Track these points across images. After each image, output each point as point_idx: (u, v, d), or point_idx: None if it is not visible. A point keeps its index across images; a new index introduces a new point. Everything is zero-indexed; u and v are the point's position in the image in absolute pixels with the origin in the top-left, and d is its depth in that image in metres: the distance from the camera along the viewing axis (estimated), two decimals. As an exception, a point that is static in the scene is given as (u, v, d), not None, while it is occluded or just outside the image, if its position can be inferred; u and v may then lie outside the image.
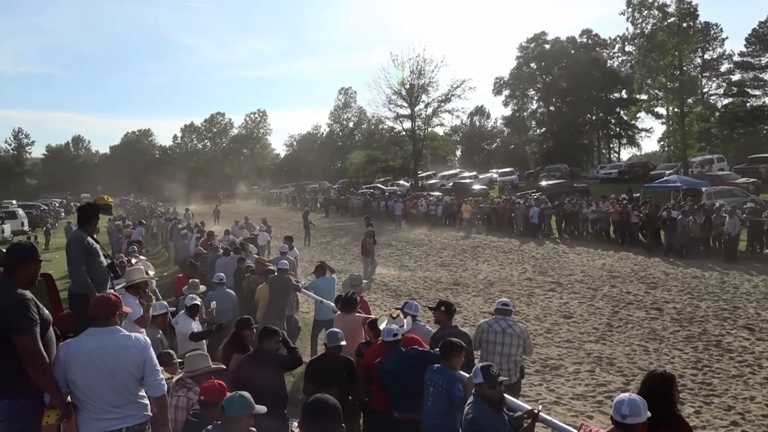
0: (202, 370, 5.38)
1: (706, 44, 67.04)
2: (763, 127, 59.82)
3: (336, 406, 3.95)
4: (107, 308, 4.17)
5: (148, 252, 23.85)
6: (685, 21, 43.65)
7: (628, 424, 3.87)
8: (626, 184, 41.17)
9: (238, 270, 12.34)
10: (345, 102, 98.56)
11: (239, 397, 4.10)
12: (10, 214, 38.05)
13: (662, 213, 23.52)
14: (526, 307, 14.80)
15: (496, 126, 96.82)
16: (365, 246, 19.12)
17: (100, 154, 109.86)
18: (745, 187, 32.49)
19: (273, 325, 6.78)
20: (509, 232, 29.76)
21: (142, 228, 25.28)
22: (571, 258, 22.12)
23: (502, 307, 7.57)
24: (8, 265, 4.13)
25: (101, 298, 4.30)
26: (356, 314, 8.08)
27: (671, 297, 15.32)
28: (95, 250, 6.24)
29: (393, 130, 67.21)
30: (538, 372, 10.09)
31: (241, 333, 6.94)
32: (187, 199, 62.95)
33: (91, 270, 6.10)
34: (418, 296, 16.27)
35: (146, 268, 8.72)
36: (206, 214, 38.14)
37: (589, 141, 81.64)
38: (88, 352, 4.01)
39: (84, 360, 4.00)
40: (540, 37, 79.03)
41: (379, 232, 32.43)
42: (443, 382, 5.57)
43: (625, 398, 3.95)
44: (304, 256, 23.16)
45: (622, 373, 9.98)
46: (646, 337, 11.97)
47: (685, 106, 44.69)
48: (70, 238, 6.43)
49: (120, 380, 4.05)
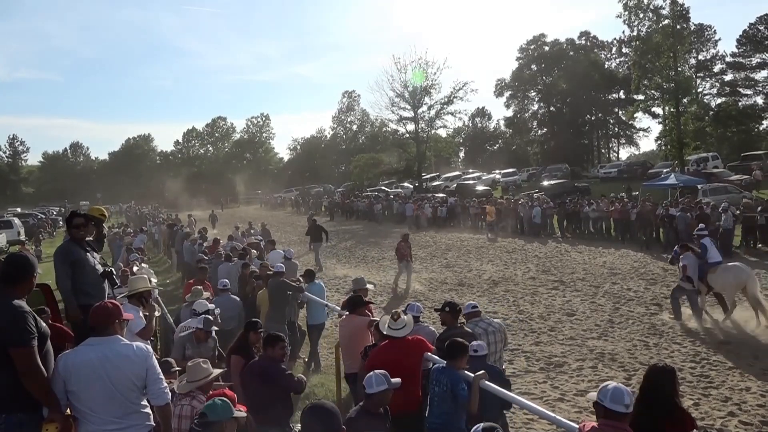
0: (203, 380, 5.25)
1: (700, 45, 67.18)
2: (754, 125, 60.10)
3: (334, 410, 3.90)
4: (106, 317, 4.06)
5: (150, 260, 23.75)
6: (678, 23, 43.71)
7: (629, 413, 3.89)
8: (625, 182, 41.22)
9: (242, 276, 12.13)
10: (348, 105, 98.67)
11: (221, 401, 4.05)
12: (6, 224, 36.87)
13: (660, 210, 23.49)
14: (531, 305, 14.70)
15: (498, 127, 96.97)
16: (400, 250, 18.01)
17: (99, 161, 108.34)
18: (739, 183, 33.02)
19: (276, 331, 6.69)
20: (511, 232, 29.71)
21: (144, 235, 25.19)
22: (573, 256, 22.04)
23: (472, 310, 7.60)
24: (7, 277, 3.99)
25: (100, 306, 4.17)
26: (362, 316, 7.88)
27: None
28: (82, 261, 6.05)
29: (396, 133, 67.25)
30: (542, 369, 10.04)
31: (248, 335, 6.85)
32: (190, 204, 62.99)
33: (81, 281, 5.96)
34: (423, 298, 16.19)
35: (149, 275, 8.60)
36: (206, 220, 38.02)
37: (588, 141, 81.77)
38: (88, 363, 3.90)
39: (84, 371, 3.88)
40: (540, 39, 79.19)
41: (385, 234, 32.54)
42: (448, 382, 5.54)
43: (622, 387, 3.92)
44: (309, 260, 23.13)
45: (624, 368, 9.93)
46: (647, 332, 11.91)
47: (681, 106, 44.74)
48: (56, 250, 6.28)
49: (121, 390, 3.93)
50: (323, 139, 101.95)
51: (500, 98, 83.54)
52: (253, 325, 7.00)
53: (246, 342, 6.81)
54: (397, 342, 6.26)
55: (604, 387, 3.95)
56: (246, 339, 6.85)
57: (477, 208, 33.16)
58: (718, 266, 12.51)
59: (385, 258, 23.98)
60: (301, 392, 6.58)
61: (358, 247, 28.46)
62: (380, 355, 6.28)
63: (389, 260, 23.26)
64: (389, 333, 6.35)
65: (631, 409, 3.89)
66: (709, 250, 12.62)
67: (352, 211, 46.11)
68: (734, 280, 12.17)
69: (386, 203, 42.99)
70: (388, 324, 6.43)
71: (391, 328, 6.36)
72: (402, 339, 6.28)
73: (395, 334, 6.30)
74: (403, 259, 17.87)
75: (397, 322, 6.36)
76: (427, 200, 39.16)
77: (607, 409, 3.87)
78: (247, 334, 6.87)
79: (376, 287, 18.06)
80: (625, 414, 3.86)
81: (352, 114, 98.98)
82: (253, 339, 6.80)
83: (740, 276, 12.14)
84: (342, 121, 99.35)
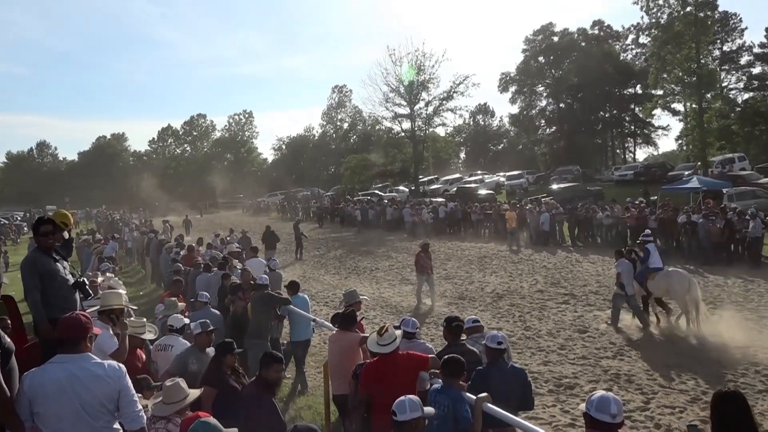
0: (179, 404, 5.24)
1: (725, 35, 67.27)
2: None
3: None
4: (77, 331, 4.07)
5: (122, 270, 23.70)
6: (702, 11, 43.79)
7: (617, 423, 4.00)
8: (643, 186, 41.30)
9: (222, 287, 11.97)
10: (339, 101, 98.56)
11: (202, 423, 4.08)
12: None
13: (681, 217, 23.52)
14: (538, 321, 14.75)
15: (503, 125, 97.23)
16: (420, 261, 17.50)
17: (67, 162, 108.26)
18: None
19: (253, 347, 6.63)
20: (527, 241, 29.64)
21: (116, 243, 25.11)
22: (585, 267, 22.11)
23: (473, 325, 7.88)
24: None
25: (70, 319, 4.16)
26: (354, 333, 7.88)
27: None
28: (52, 271, 6.04)
29: (391, 131, 67.33)
30: (551, 392, 10.07)
31: (221, 359, 6.55)
32: (166, 209, 62.80)
33: (51, 294, 5.94)
34: (421, 312, 16.22)
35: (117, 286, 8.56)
36: (180, 226, 37.98)
37: (602, 140, 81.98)
38: (56, 382, 3.91)
39: (51, 390, 3.90)
40: (548, 29, 79.35)
41: (379, 243, 32.58)
42: (449, 403, 5.56)
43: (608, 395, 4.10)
44: (296, 270, 23.15)
45: (641, 390, 9.95)
46: (667, 351, 11.96)
47: (704, 102, 44.83)
48: (23, 261, 6.25)
49: (91, 412, 3.94)
50: (311, 139, 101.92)
51: (505, 94, 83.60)
52: (227, 346, 6.65)
53: (219, 368, 6.49)
54: (387, 359, 6.28)
55: (591, 395, 4.12)
56: (219, 365, 6.52)
57: (479, 215, 33.19)
58: (658, 272, 13.88)
59: (379, 269, 24.02)
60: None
61: (348, 256, 28.46)
62: (369, 372, 6.33)
63: (383, 271, 23.32)
64: (376, 350, 6.36)
65: (619, 420, 3.99)
66: (652, 255, 14.04)
67: (342, 217, 46.12)
68: (678, 285, 13.44)
69: (380, 208, 43.02)
70: (375, 341, 6.42)
71: (378, 344, 6.35)
72: (392, 355, 6.29)
73: (382, 350, 6.31)
74: (423, 271, 17.50)
75: (384, 337, 6.33)
76: (425, 205, 39.21)
77: (593, 418, 4.01)
78: (221, 358, 6.56)
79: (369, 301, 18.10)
80: (611, 425, 3.97)
81: (342, 111, 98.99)
82: (230, 362, 6.55)
83: (682, 282, 13.44)
84: (332, 119, 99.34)
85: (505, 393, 6.04)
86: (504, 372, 6.45)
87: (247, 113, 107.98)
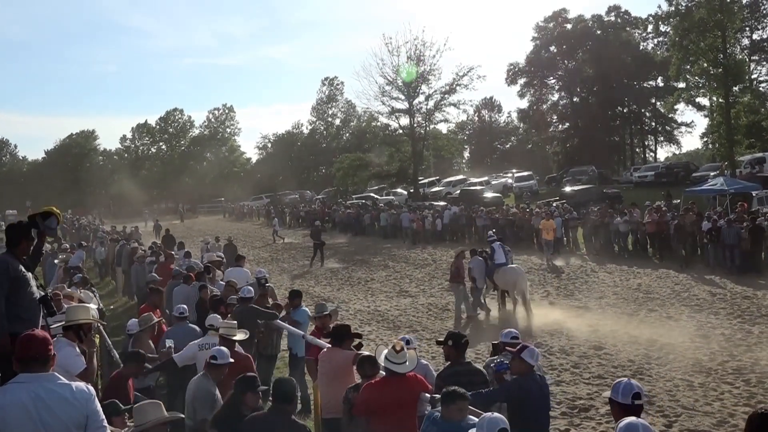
0: (152, 422, 5.17)
1: (754, 22, 67.18)
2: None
3: None
4: (41, 349, 4.05)
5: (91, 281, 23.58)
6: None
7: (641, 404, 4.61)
8: (664, 188, 41.31)
9: (200, 300, 11.80)
10: (330, 95, 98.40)
11: None
12: None
13: (706, 223, 23.49)
14: (550, 337, 14.77)
15: (511, 121, 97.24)
16: (460, 270, 17.62)
17: (30, 162, 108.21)
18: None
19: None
20: (527, 248, 29.68)
21: (83, 252, 25.00)
22: (602, 277, 22.16)
23: (511, 341, 7.51)
24: None
25: (32, 336, 4.15)
26: (348, 350, 7.73)
27: (719, 322, 15.35)
28: (22, 280, 5.98)
29: (388, 128, 67.12)
30: (564, 415, 10.07)
31: (242, 398, 6.05)
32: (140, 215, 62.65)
33: (17, 303, 5.88)
34: (421, 327, 16.27)
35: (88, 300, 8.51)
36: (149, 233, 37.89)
37: (620, 138, 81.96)
38: (19, 404, 3.90)
39: (14, 414, 3.88)
40: (560, 15, 79.36)
41: (375, 251, 32.60)
42: None
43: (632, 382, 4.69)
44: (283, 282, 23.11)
45: (663, 413, 9.97)
46: (691, 369, 11.98)
47: (731, 96, 44.80)
48: None
49: (56, 438, 3.92)
50: (299, 136, 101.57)
51: (513, 86, 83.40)
52: (249, 383, 6.13)
53: (237, 408, 6.02)
54: (397, 380, 6.23)
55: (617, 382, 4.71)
56: (239, 403, 6.05)
57: (486, 220, 33.15)
58: (500, 268, 17.29)
59: (374, 279, 24.04)
60: None
61: (341, 266, 28.48)
62: (376, 392, 6.24)
63: (379, 282, 23.34)
64: (390, 367, 6.26)
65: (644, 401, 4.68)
66: (496, 253, 17.49)
67: (334, 223, 46.15)
68: (511, 278, 17.07)
69: (375, 213, 43.03)
70: (386, 356, 6.33)
71: (391, 361, 6.26)
72: (403, 376, 6.25)
73: (398, 369, 6.22)
74: (461, 281, 17.63)
75: (399, 355, 6.24)
76: (427, 209, 39.17)
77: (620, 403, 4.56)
78: (242, 396, 6.06)
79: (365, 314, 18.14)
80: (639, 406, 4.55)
81: (334, 106, 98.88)
82: (251, 402, 6.06)
83: (514, 276, 17.04)
84: (322, 114, 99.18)
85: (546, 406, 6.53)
86: (541, 385, 6.52)
87: (227, 108, 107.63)
